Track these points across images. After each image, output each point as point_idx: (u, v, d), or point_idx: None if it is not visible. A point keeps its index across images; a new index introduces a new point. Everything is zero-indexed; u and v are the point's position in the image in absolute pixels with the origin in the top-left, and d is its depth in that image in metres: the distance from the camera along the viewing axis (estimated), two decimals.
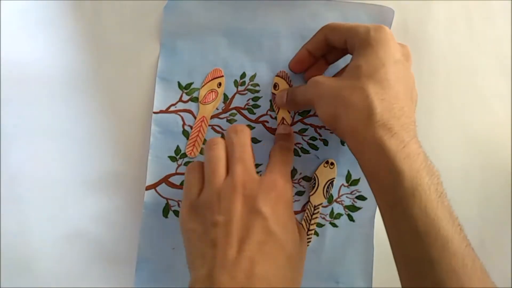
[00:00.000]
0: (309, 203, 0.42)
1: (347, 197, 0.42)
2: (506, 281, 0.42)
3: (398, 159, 0.29)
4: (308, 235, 0.42)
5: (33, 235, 0.41)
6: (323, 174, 0.42)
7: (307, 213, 0.42)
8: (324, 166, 0.42)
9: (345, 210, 0.42)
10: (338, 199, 0.42)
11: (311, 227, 0.42)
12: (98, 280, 0.42)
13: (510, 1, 0.43)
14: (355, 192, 0.42)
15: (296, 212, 0.42)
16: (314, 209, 0.41)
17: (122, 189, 0.42)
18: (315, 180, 0.42)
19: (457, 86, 0.43)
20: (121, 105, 0.42)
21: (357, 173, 0.42)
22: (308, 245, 0.41)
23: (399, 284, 0.42)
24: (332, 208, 0.42)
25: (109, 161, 0.42)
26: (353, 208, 0.42)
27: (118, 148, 0.42)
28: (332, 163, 0.41)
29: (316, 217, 0.42)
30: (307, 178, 0.42)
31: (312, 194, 0.42)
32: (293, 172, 0.42)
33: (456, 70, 0.43)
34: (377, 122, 0.31)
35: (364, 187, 0.42)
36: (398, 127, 0.31)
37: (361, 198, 0.42)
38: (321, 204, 0.42)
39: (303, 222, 0.42)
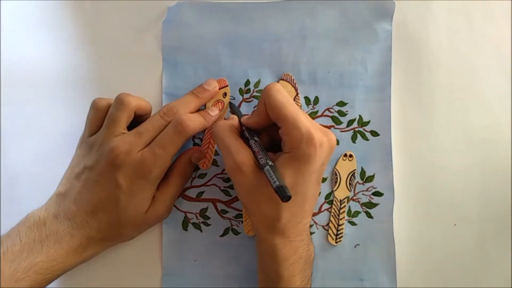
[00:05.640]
0: (335, 198, 0.41)
1: (363, 194, 0.42)
2: (506, 281, 0.42)
3: (283, 266, 0.34)
4: (338, 230, 0.41)
5: None
6: (344, 167, 0.41)
7: (334, 209, 0.41)
8: (343, 159, 0.41)
9: (362, 208, 0.42)
10: (354, 197, 0.42)
11: (341, 222, 0.41)
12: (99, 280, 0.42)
13: (510, 1, 0.43)
14: (371, 188, 0.42)
15: (313, 214, 0.42)
16: (341, 204, 0.41)
17: None
18: (336, 174, 0.41)
19: (457, 86, 0.43)
20: None
21: (371, 169, 0.42)
22: (340, 241, 0.41)
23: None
24: (349, 207, 0.42)
25: None
26: (370, 205, 0.42)
27: None
28: (351, 155, 0.41)
29: (344, 211, 0.41)
30: (322, 180, 0.41)
31: (336, 190, 0.41)
32: None
33: (456, 70, 0.43)
34: (278, 230, 0.34)
35: (379, 183, 0.42)
36: (294, 235, 0.35)
37: (378, 194, 0.42)
38: (346, 197, 0.41)
39: (332, 219, 0.41)
